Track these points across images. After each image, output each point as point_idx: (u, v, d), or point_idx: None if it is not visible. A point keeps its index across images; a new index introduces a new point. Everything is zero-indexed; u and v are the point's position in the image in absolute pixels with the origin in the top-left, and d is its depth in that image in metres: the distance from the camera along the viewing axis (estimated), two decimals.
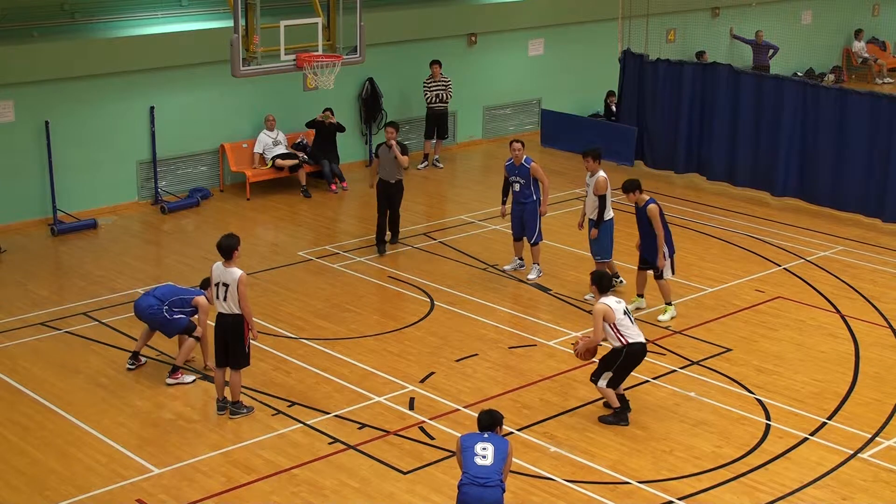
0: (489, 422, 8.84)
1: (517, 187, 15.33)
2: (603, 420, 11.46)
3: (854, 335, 13.75)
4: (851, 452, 10.94)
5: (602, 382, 11.36)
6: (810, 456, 10.89)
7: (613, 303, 11.29)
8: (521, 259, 15.69)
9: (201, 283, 12.64)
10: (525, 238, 15.41)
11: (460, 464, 8.71)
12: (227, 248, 11.17)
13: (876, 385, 12.42)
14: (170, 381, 12.24)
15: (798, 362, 12.98)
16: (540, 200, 15.30)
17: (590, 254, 14.94)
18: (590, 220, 14.82)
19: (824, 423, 11.53)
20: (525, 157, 15.25)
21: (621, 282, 15.04)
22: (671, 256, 14.04)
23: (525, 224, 15.34)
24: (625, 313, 11.26)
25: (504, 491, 8.61)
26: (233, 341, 11.24)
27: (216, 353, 11.46)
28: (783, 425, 11.48)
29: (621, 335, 11.14)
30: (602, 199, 14.60)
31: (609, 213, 14.69)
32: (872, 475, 10.57)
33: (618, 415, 11.44)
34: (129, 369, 12.53)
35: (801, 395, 12.14)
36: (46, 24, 17.08)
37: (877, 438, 11.22)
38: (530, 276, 15.38)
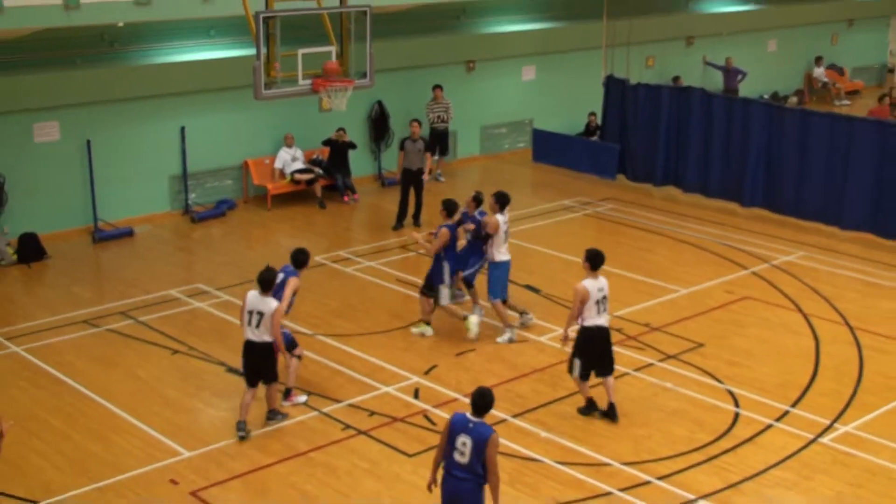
0: (482, 404, 8.15)
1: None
2: (580, 411, 11.42)
3: (815, 332, 13.76)
4: (812, 437, 10.97)
5: (575, 372, 11.20)
6: (775, 440, 10.92)
7: (593, 287, 11.02)
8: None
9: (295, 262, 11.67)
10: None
11: (443, 441, 8.20)
12: (268, 282, 10.58)
13: (834, 377, 12.44)
14: (286, 403, 11.48)
15: (764, 356, 13.00)
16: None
17: (577, 259, 14.90)
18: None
19: (788, 411, 11.55)
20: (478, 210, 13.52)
21: (531, 318, 13.70)
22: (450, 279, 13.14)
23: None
24: (598, 302, 11.02)
25: (486, 482, 8.04)
26: (263, 365, 10.72)
27: (246, 376, 10.83)
28: (751, 413, 11.50)
29: (583, 317, 10.99)
30: (488, 238, 13.15)
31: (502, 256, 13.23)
32: (831, 458, 10.59)
33: (589, 407, 11.38)
34: None
35: (766, 385, 12.17)
36: (88, 52, 17.12)
37: (835, 425, 11.24)
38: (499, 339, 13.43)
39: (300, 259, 11.65)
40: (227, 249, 16.88)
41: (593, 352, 11.16)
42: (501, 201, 13.23)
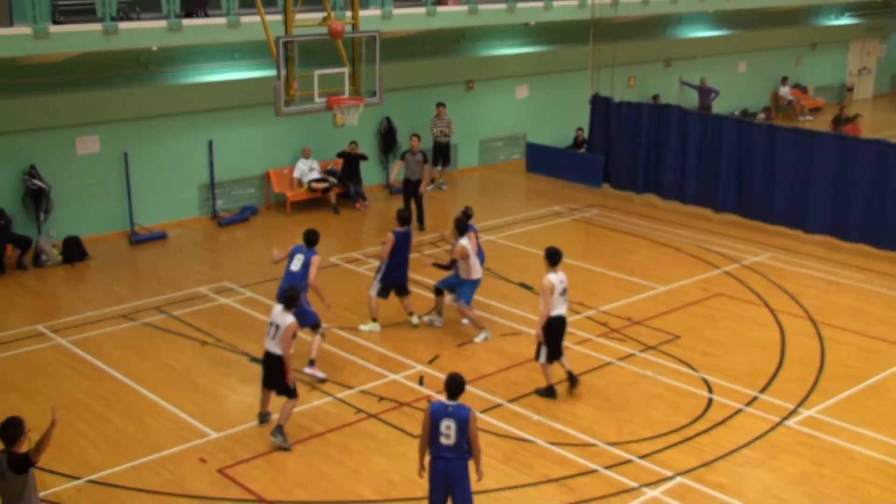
0: (456, 387, 8.10)
1: None
2: (538, 392, 11.42)
3: (781, 325, 13.77)
4: (778, 420, 10.98)
5: (542, 359, 11.27)
6: (745, 423, 10.93)
7: (556, 280, 11.11)
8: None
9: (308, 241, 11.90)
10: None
11: (426, 429, 8.12)
12: (290, 299, 10.34)
13: (798, 366, 12.45)
14: (307, 371, 11.68)
15: (735, 347, 13.01)
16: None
17: (566, 259, 14.88)
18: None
19: (756, 397, 11.56)
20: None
21: (438, 321, 13.57)
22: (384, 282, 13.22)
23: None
24: (561, 294, 11.12)
25: (470, 456, 8.10)
26: (278, 378, 10.33)
27: (263, 377, 10.54)
28: (723, 398, 11.51)
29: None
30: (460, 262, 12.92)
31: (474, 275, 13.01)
32: (795, 439, 10.61)
33: (548, 390, 11.40)
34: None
35: (737, 373, 12.17)
36: (125, 73, 17.13)
37: (799, 409, 11.26)
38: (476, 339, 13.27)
39: (313, 238, 12.01)
40: (251, 251, 16.90)
41: (557, 339, 11.23)
42: (461, 227, 12.91)
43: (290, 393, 10.36)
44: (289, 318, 10.26)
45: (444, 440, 8.02)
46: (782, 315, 14.12)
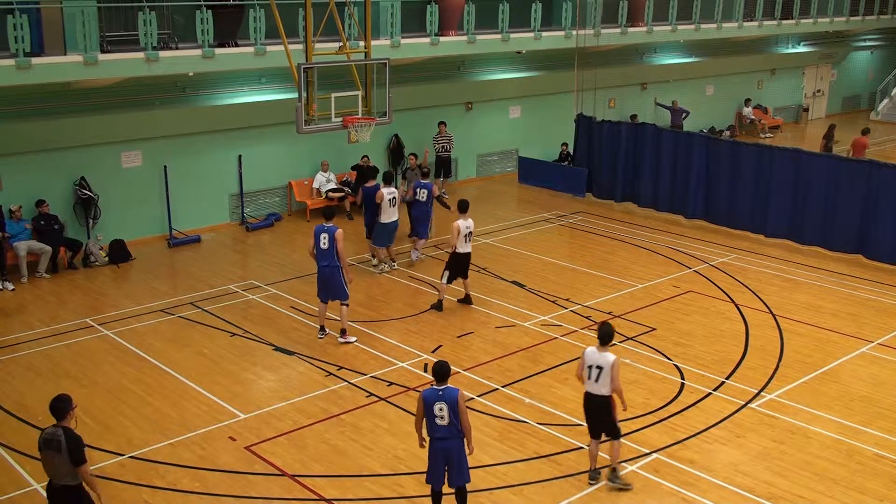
0: (443, 372, 7.99)
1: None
2: (432, 306, 13.18)
3: (745, 318, 13.72)
4: (743, 403, 10.93)
5: (443, 279, 13.30)
6: (713, 405, 10.87)
7: (462, 224, 12.55)
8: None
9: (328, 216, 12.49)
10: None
11: (420, 415, 8.04)
12: (606, 336, 8.80)
13: (760, 355, 12.39)
14: (341, 340, 12.44)
15: (704, 338, 12.95)
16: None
17: (555, 260, 14.85)
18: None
19: (723, 382, 11.51)
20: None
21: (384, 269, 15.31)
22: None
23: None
24: (466, 236, 12.81)
25: (463, 433, 7.98)
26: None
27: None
28: (693, 383, 11.46)
29: (456, 245, 12.68)
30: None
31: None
32: (758, 419, 10.55)
33: (439, 303, 13.29)
34: (319, 338, 12.66)
35: (706, 361, 12.12)
36: (164, 96, 17.11)
37: (761, 393, 11.21)
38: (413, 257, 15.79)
39: (330, 213, 12.56)
40: (275, 252, 16.85)
41: (459, 268, 13.28)
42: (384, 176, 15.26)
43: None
44: (609, 357, 8.73)
45: (438, 421, 7.97)
46: (746, 309, 14.06)
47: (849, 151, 21.62)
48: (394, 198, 14.85)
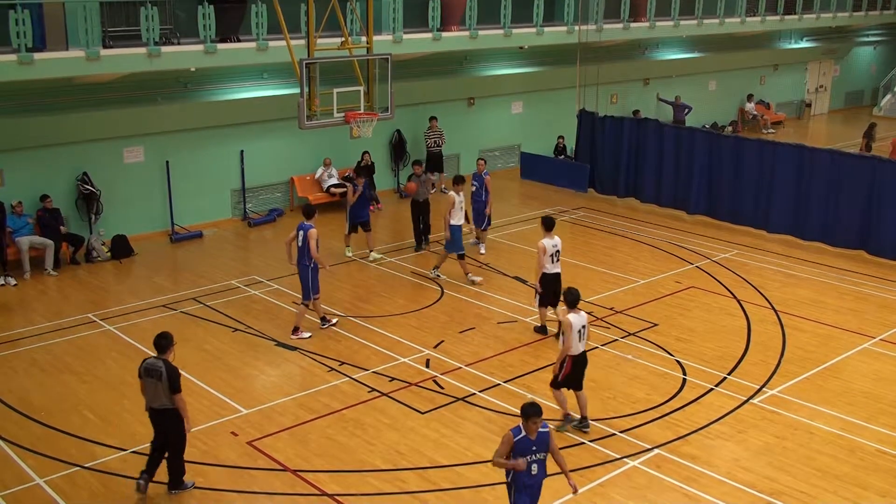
0: (535, 412, 7.20)
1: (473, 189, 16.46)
2: (536, 329, 12.62)
3: (746, 314, 13.71)
4: (745, 399, 10.93)
5: (536, 303, 12.67)
6: (715, 401, 10.87)
7: (549, 244, 12.31)
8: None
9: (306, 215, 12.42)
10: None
11: (505, 454, 7.29)
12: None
13: (762, 350, 12.39)
14: (293, 336, 12.45)
15: (706, 333, 12.94)
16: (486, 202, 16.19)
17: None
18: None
19: (725, 378, 11.50)
20: (485, 170, 16.46)
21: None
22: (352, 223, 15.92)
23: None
24: (553, 255, 12.35)
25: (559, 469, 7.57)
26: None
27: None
28: (695, 379, 11.45)
29: (543, 265, 12.28)
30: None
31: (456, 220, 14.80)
32: (759, 415, 10.55)
33: (543, 327, 12.62)
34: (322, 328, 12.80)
35: (708, 357, 12.11)
36: (166, 91, 17.10)
37: (763, 389, 11.20)
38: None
39: (310, 211, 12.42)
40: (277, 248, 16.82)
41: (549, 291, 12.38)
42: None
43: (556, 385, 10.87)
44: (584, 315, 9.92)
45: (533, 469, 7.37)
46: (748, 305, 14.05)
47: (890, 150, 21.55)
48: (462, 201, 14.83)
